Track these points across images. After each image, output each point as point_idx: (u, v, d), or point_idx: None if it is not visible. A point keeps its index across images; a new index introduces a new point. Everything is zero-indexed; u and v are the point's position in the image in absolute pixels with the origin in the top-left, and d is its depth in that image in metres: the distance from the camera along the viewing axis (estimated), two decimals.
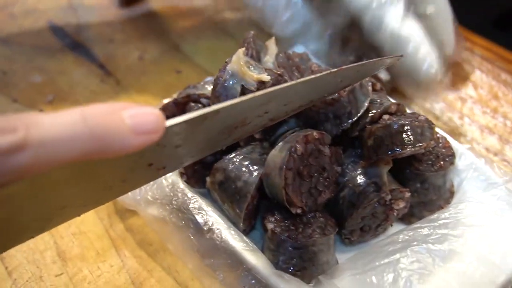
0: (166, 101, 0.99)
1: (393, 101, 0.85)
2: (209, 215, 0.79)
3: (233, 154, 0.80)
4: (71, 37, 1.37)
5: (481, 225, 0.76)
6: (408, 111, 0.85)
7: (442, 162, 0.81)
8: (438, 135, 0.84)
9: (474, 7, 1.66)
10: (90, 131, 0.41)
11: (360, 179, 0.77)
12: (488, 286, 0.69)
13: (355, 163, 0.79)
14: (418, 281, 0.70)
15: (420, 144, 0.75)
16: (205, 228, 0.77)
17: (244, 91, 0.78)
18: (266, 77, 0.78)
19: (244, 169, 0.78)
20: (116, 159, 0.44)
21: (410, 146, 0.75)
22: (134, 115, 0.44)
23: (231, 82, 0.79)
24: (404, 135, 0.75)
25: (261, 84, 0.78)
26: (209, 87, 0.89)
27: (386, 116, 0.81)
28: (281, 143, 0.76)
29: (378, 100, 0.83)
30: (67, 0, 1.51)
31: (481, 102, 1.18)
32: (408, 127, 0.76)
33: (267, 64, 0.86)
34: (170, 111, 0.89)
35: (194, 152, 0.57)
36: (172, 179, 0.85)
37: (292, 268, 0.74)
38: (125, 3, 1.47)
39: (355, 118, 0.79)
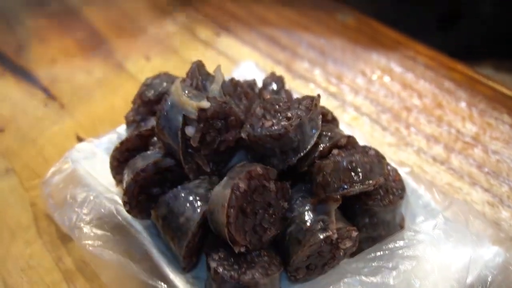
0: (120, 128, 0.96)
1: (344, 133, 0.81)
2: (149, 252, 0.77)
3: (179, 188, 0.76)
4: (11, 59, 1.32)
5: (415, 256, 0.73)
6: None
7: (391, 197, 0.78)
8: (388, 167, 0.80)
9: (414, 11, 1.68)
10: None
11: (308, 216, 0.73)
12: None
13: (304, 198, 0.75)
14: None
15: (369, 181, 0.72)
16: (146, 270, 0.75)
17: (186, 120, 0.75)
18: (205, 104, 0.74)
19: (188, 204, 0.74)
20: None
21: (358, 184, 0.72)
22: None
23: (172, 113, 0.75)
24: (352, 173, 0.72)
25: (202, 112, 0.74)
26: None
27: (335, 151, 0.77)
28: (225, 178, 0.72)
29: (328, 133, 0.79)
30: (5, 21, 1.47)
31: (426, 111, 1.16)
32: (357, 164, 0.72)
33: (214, 92, 0.80)
34: (134, 143, 0.86)
35: None
36: (114, 208, 0.83)
37: None
38: None
39: (302, 153, 0.75)
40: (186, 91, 0.78)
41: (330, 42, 1.36)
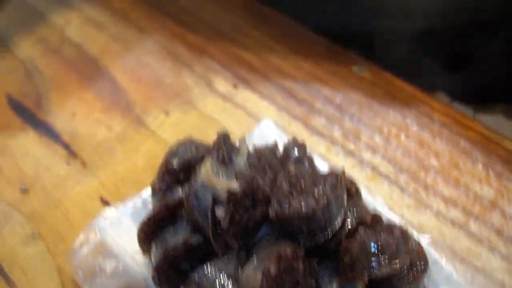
0: (145, 193, 0.98)
1: (369, 209, 0.83)
2: None
3: (208, 265, 0.78)
4: (31, 112, 1.34)
5: None
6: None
7: (415, 272, 0.79)
8: (412, 241, 0.81)
9: (421, 54, 1.70)
10: None
11: None
12: None
13: (330, 276, 0.77)
14: None
15: (396, 262, 0.74)
16: None
17: (215, 201, 0.77)
18: (235, 186, 0.77)
19: (217, 285, 0.76)
20: None
21: (386, 267, 0.73)
22: None
23: (202, 193, 0.78)
24: (380, 254, 0.74)
25: (232, 194, 0.76)
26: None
27: (361, 230, 0.79)
28: (255, 258, 0.74)
29: (353, 209, 0.81)
30: (24, 69, 1.49)
31: (443, 172, 1.16)
32: (384, 246, 0.74)
33: (240, 165, 0.83)
34: (161, 215, 0.87)
35: None
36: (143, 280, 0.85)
37: None
38: None
39: (330, 234, 0.77)
40: (215, 169, 0.81)
41: (347, 96, 1.38)
